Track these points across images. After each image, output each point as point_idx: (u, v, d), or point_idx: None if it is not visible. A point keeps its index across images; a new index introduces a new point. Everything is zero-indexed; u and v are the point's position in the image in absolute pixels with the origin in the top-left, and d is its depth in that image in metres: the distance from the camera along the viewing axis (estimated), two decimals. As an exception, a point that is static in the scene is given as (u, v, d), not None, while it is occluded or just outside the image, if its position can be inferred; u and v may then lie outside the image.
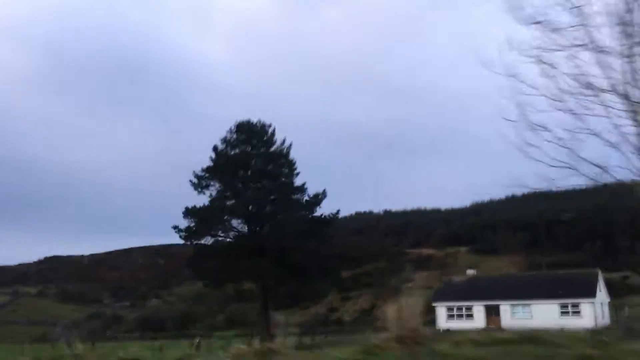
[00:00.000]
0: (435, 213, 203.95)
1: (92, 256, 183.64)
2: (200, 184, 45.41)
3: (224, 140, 46.95)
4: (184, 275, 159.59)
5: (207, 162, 45.77)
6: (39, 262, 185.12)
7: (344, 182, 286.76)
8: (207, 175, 45.63)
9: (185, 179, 46.08)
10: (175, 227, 45.29)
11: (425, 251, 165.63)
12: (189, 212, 44.59)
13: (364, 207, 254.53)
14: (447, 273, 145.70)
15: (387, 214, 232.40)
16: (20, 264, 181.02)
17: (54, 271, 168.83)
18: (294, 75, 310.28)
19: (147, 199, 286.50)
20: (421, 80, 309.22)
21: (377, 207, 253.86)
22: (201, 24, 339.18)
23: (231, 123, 47.35)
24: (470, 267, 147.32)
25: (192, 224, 45.14)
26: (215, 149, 46.54)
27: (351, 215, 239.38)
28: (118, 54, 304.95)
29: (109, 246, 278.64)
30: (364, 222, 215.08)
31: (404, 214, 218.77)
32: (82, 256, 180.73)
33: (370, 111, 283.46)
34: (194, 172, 45.46)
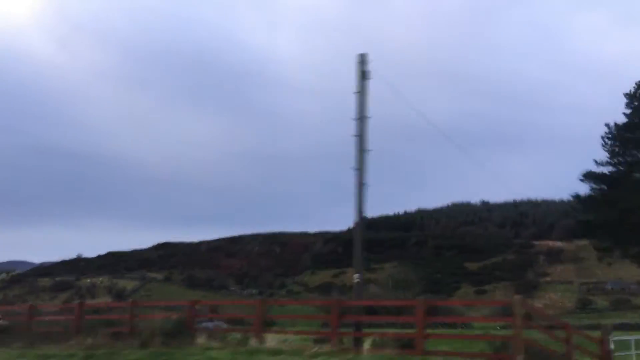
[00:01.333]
0: (551, 204, 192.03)
1: (208, 243, 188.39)
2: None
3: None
4: (302, 264, 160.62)
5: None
6: (155, 248, 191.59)
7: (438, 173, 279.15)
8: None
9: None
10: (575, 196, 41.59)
11: (552, 243, 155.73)
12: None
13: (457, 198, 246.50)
14: (582, 268, 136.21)
15: (485, 205, 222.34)
16: (134, 250, 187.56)
17: (172, 257, 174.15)
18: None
19: (238, 190, 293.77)
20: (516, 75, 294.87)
21: (473, 198, 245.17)
22: (272, 18, 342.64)
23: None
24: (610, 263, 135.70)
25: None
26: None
27: (448, 205, 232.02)
28: (192, 50, 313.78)
29: (209, 235, 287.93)
30: (464, 213, 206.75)
31: (514, 205, 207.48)
32: (199, 243, 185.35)
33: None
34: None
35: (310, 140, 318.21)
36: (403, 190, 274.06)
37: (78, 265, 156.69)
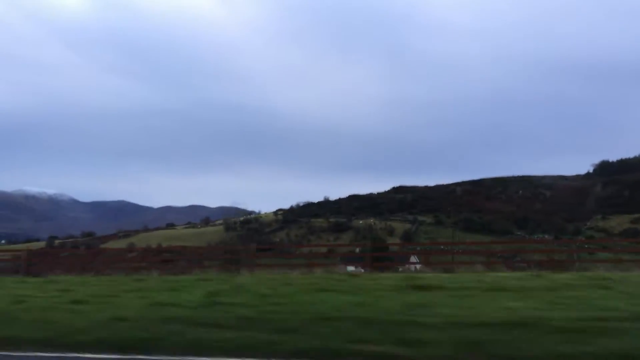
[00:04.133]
0: None
1: (445, 187, 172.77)
2: None
3: None
4: (586, 209, 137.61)
5: None
6: (391, 191, 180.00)
7: None
8: None
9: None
10: None
11: None
12: None
13: None
14: None
15: None
16: (370, 193, 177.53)
17: (419, 200, 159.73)
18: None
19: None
20: None
21: None
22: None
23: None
24: None
25: None
26: None
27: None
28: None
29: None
30: None
31: None
32: (455, 185, 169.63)
33: None
34: None
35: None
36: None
37: (326, 207, 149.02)
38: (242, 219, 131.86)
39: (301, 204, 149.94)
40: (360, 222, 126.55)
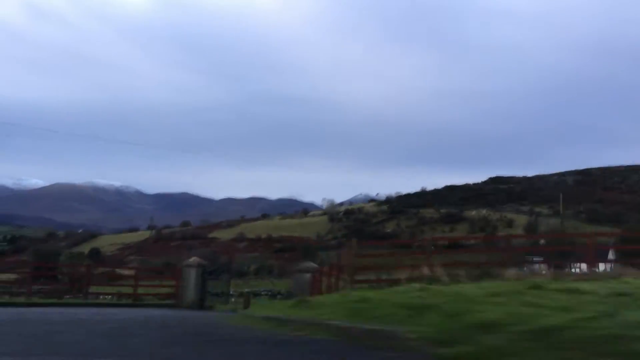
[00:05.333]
0: None
1: (548, 177, 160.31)
2: None
3: None
4: None
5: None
6: (488, 182, 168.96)
7: None
8: None
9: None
10: None
11: None
12: None
13: None
14: None
15: None
16: (465, 184, 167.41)
17: (521, 191, 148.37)
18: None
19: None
20: None
21: None
22: None
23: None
24: None
25: None
26: None
27: None
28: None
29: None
30: None
31: None
32: (558, 175, 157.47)
33: None
34: None
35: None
36: None
37: (424, 198, 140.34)
38: (343, 209, 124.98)
39: (401, 195, 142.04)
40: (473, 212, 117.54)
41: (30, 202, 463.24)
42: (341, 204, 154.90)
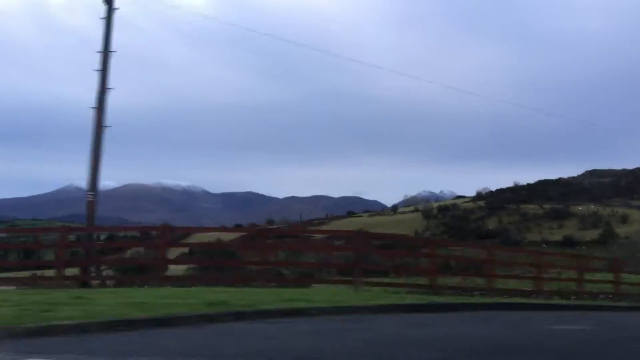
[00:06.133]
0: None
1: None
2: None
3: None
4: None
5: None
6: (585, 175, 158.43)
7: None
8: None
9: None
10: None
11: None
12: None
13: None
14: None
15: None
16: (559, 178, 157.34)
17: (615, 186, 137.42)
18: None
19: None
20: None
21: None
22: None
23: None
24: None
25: None
26: None
27: None
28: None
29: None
30: None
31: None
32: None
33: None
34: None
35: None
36: None
37: (519, 193, 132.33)
38: (436, 205, 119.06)
39: (493, 191, 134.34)
40: (580, 208, 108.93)
41: (104, 202, 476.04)
42: (426, 200, 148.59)
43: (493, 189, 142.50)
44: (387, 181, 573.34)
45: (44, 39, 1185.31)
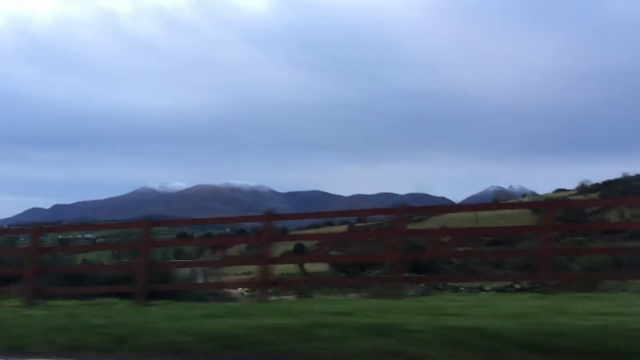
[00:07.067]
0: None
1: None
2: None
3: None
4: None
5: None
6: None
7: None
8: None
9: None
10: None
11: None
12: None
13: None
14: None
15: None
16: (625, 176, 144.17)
17: None
18: None
19: None
20: None
21: None
22: None
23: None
24: None
25: None
26: None
27: None
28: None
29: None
30: None
31: None
32: None
33: None
34: None
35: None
36: None
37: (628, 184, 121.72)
38: (542, 198, 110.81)
39: (600, 183, 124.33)
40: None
41: (175, 203, 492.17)
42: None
43: (575, 183, 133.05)
44: (452, 177, 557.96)
45: (116, 48, 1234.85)
